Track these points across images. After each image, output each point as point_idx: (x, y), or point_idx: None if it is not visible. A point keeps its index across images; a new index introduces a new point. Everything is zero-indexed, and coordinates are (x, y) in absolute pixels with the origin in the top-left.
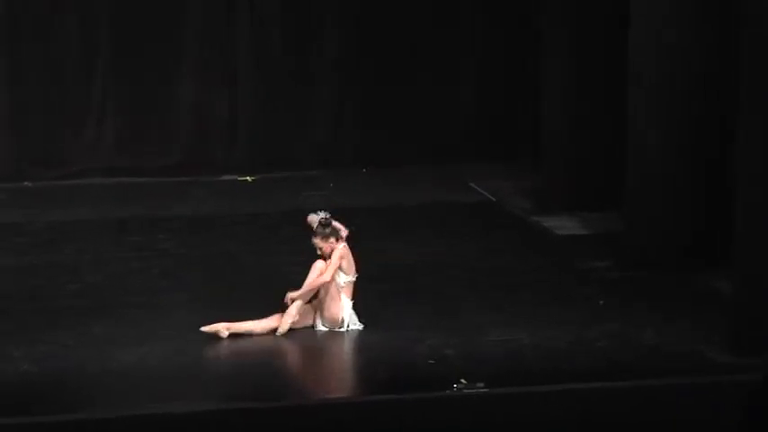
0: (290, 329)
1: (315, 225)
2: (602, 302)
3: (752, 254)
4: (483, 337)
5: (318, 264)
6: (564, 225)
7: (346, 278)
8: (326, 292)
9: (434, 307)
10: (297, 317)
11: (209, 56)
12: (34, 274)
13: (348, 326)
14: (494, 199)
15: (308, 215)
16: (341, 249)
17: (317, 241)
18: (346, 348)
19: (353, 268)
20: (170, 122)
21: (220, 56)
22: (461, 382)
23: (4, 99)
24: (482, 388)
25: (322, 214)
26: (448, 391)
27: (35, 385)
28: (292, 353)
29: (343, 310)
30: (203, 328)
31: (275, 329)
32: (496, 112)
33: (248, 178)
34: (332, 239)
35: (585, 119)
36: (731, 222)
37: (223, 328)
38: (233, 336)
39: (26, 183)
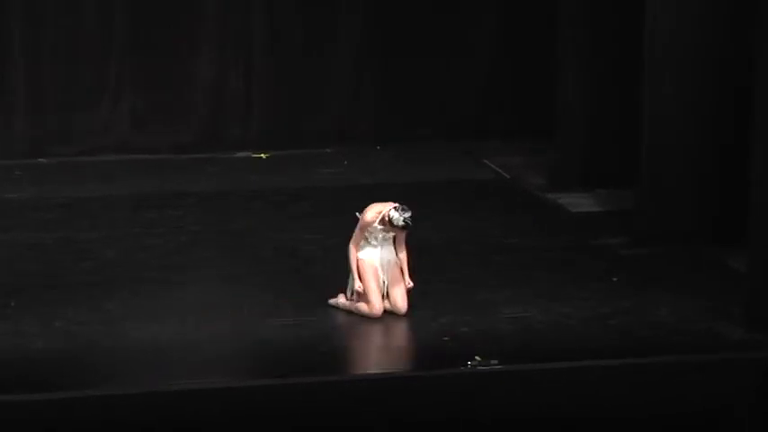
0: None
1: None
2: (615, 279)
3: (767, 230)
4: (497, 315)
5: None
6: (578, 202)
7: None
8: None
9: (449, 284)
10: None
11: (223, 32)
12: (49, 251)
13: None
14: (508, 176)
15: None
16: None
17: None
18: (360, 325)
19: None
20: (185, 99)
21: (235, 33)
22: (476, 359)
23: (19, 76)
24: (496, 365)
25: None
26: (462, 368)
27: (50, 362)
28: (306, 331)
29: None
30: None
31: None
32: (510, 88)
33: (262, 155)
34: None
35: (601, 94)
36: (747, 199)
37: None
38: (244, 314)
39: (41, 160)
